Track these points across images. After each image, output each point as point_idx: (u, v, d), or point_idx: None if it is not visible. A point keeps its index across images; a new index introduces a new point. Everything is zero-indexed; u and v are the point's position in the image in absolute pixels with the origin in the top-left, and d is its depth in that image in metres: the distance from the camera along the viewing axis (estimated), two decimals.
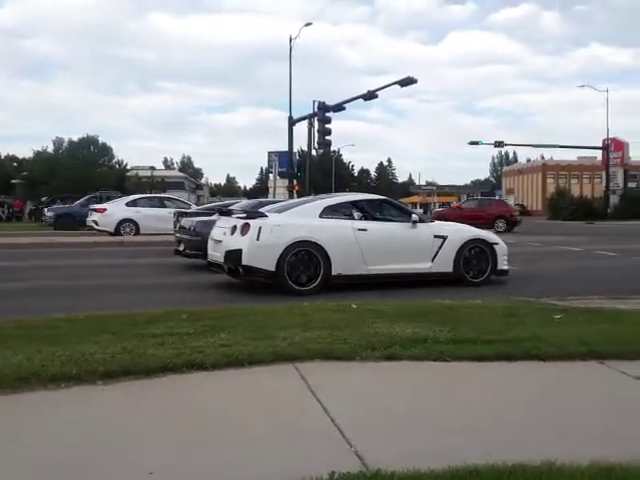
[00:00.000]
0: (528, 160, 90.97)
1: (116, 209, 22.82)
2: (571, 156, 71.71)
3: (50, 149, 61.29)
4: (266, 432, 3.38)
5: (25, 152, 74.07)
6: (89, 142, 60.74)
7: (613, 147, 53.46)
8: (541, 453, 2.86)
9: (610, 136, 52.76)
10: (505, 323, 5.94)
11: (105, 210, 23.00)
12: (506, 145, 56.30)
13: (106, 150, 61.60)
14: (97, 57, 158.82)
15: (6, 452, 3.13)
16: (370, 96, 29.11)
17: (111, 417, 3.67)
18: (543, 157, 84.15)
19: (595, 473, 2.67)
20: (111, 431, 3.43)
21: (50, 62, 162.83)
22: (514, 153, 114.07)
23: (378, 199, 11.41)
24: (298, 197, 24.21)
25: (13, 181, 58.06)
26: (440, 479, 2.62)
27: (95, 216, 23.22)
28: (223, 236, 9.63)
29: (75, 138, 61.11)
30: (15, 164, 64.50)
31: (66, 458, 3.04)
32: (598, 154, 59.10)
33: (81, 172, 52.39)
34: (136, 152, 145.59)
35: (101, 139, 61.84)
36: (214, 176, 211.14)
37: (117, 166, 61.14)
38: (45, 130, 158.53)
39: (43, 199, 47.26)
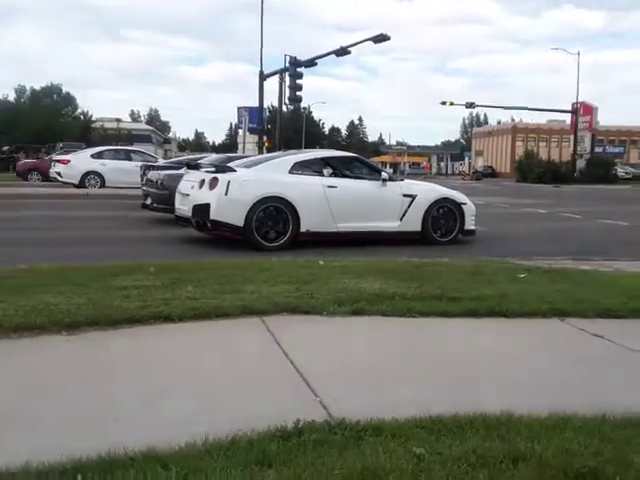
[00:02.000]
0: (498, 122, 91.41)
1: (80, 161, 22.30)
2: (541, 119, 72.44)
3: (11, 97, 59.43)
4: (231, 382, 3.40)
5: None
6: (52, 91, 59.05)
7: (582, 111, 53.86)
8: (501, 405, 2.93)
9: (580, 100, 53.15)
10: (471, 281, 6.03)
11: (69, 162, 22.48)
12: (477, 106, 56.40)
13: (70, 100, 60.05)
14: (62, 2, 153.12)
15: None
16: (342, 52, 28.73)
17: (75, 366, 3.65)
18: (513, 120, 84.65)
19: (553, 423, 2.75)
20: (75, 379, 3.41)
21: (13, 7, 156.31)
22: (485, 115, 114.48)
23: (349, 156, 11.35)
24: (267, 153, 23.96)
25: None
26: (404, 428, 2.67)
27: (59, 167, 22.70)
28: (191, 190, 9.51)
29: (38, 87, 59.32)
30: None
31: (28, 404, 3.02)
32: (567, 118, 59.54)
33: (44, 122, 51.06)
34: (101, 103, 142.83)
35: (65, 88, 60.22)
36: (182, 130, 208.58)
37: (81, 117, 59.70)
38: (6, 78, 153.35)
39: (4, 149, 46.04)
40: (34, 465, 2.33)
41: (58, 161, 23.33)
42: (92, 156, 22.51)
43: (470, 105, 53.87)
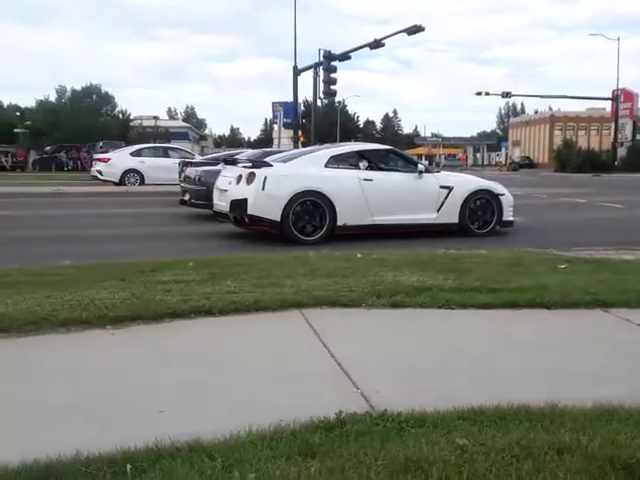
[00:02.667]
0: (536, 111, 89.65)
1: (121, 159, 22.73)
2: (579, 107, 70.79)
3: (53, 98, 60.76)
4: (273, 375, 3.43)
5: (28, 101, 73.38)
6: (92, 91, 60.16)
7: (623, 98, 52.61)
8: (545, 396, 2.90)
9: (620, 87, 51.89)
10: (510, 272, 5.96)
11: (109, 160, 22.91)
12: (513, 96, 55.60)
13: (109, 99, 61.11)
14: (95, 2, 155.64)
15: (19, 392, 3.20)
16: (377, 45, 28.53)
17: (121, 359, 3.73)
18: (551, 108, 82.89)
19: (598, 414, 2.72)
20: (121, 372, 3.49)
21: (49, 9, 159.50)
22: (522, 104, 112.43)
23: (384, 149, 11.30)
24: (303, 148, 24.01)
25: (16, 130, 57.70)
26: (446, 419, 2.67)
27: (99, 166, 23.17)
28: (228, 185, 9.60)
29: (78, 87, 60.48)
30: (18, 113, 63.98)
31: (78, 397, 3.11)
32: (607, 105, 58.24)
33: (84, 122, 52.08)
34: (139, 101, 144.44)
35: (103, 88, 61.28)
36: (218, 127, 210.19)
37: (120, 116, 60.67)
38: (46, 79, 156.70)
39: (47, 149, 47.14)
40: (84, 455, 2.40)
41: (99, 160, 23.80)
42: (131, 154, 22.91)
43: (506, 95, 53.07)
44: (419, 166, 10.28)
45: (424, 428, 2.61)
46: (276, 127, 38.27)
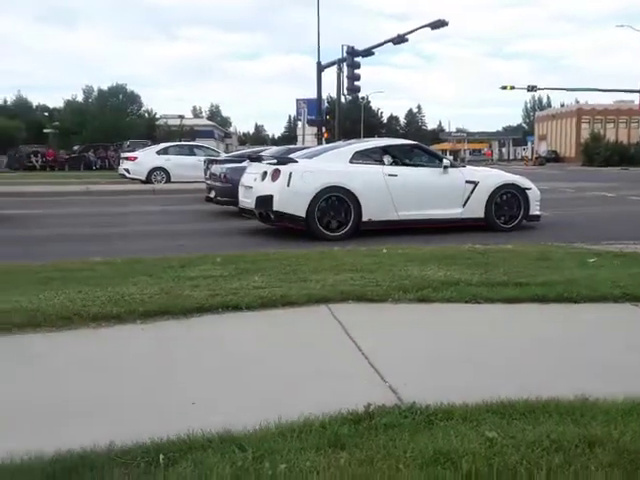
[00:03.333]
0: (562, 105, 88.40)
1: (147, 157, 22.99)
2: (607, 100, 69.62)
3: (80, 98, 61.51)
4: (301, 369, 3.46)
5: (56, 101, 74.47)
6: (118, 91, 60.79)
7: None
8: (575, 390, 2.88)
9: None
10: (537, 267, 5.91)
11: (136, 158, 23.19)
12: (539, 89, 54.64)
13: (135, 98, 61.70)
14: (121, 3, 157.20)
15: (51, 384, 3.27)
16: (400, 40, 28.33)
17: (152, 353, 3.79)
18: (578, 101, 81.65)
19: (630, 408, 2.69)
20: (153, 366, 3.55)
21: (75, 10, 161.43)
22: (547, 98, 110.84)
23: (409, 144, 11.28)
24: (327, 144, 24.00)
25: (45, 130, 58.65)
26: (474, 412, 2.67)
27: (127, 164, 23.46)
28: (254, 182, 9.66)
29: (104, 87, 61.16)
30: (46, 114, 64.98)
31: (111, 390, 3.17)
32: (636, 98, 57.11)
33: (111, 121, 52.73)
34: (164, 100, 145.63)
35: (129, 87, 61.90)
36: (242, 124, 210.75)
37: (146, 115, 61.24)
38: (74, 79, 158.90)
39: (76, 148, 47.83)
40: (118, 445, 2.45)
41: (126, 158, 24.11)
42: (158, 152, 23.16)
43: (532, 89, 52.27)
44: (444, 161, 10.23)
45: (453, 421, 2.61)
46: (300, 124, 38.39)
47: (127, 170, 23.17)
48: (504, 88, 51.20)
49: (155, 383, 3.28)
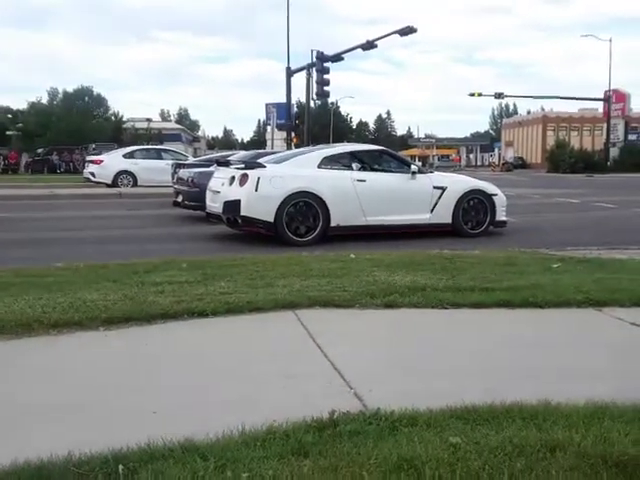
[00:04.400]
0: (528, 112, 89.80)
1: (113, 161, 22.67)
2: (572, 108, 70.88)
3: (45, 100, 60.43)
4: (266, 375, 3.42)
5: (19, 103, 73.10)
6: (84, 93, 59.85)
7: (615, 98, 52.84)
8: (538, 394, 2.91)
9: (612, 87, 52.12)
10: (503, 272, 5.97)
11: (102, 162, 22.85)
12: (506, 97, 55.68)
13: (101, 101, 60.82)
14: (90, 5, 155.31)
15: (10, 392, 3.18)
16: (369, 46, 28.53)
17: (114, 360, 3.71)
18: (543, 109, 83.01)
19: (592, 412, 2.72)
20: (114, 374, 3.48)
21: (43, 10, 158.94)
22: (514, 105, 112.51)
23: (377, 150, 11.32)
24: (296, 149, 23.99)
25: (8, 133, 57.47)
26: (439, 418, 2.67)
27: (92, 168, 23.09)
28: (221, 187, 9.59)
29: (70, 89, 60.19)
30: (10, 115, 63.65)
31: (71, 398, 3.09)
32: (599, 106, 58.42)
33: (77, 124, 51.93)
34: (132, 103, 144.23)
35: (96, 90, 60.98)
36: (211, 128, 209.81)
37: (113, 118, 60.46)
38: (39, 81, 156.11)
39: (39, 151, 46.97)
40: (77, 455, 2.39)
41: (91, 162, 23.74)
42: (124, 156, 22.85)
43: (499, 96, 53.20)
44: (412, 167, 10.30)
45: (417, 427, 2.61)
46: (269, 128, 38.25)
47: (92, 174, 22.80)
48: (472, 95, 52.00)
49: (116, 391, 3.21)
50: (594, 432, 2.52)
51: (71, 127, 51.07)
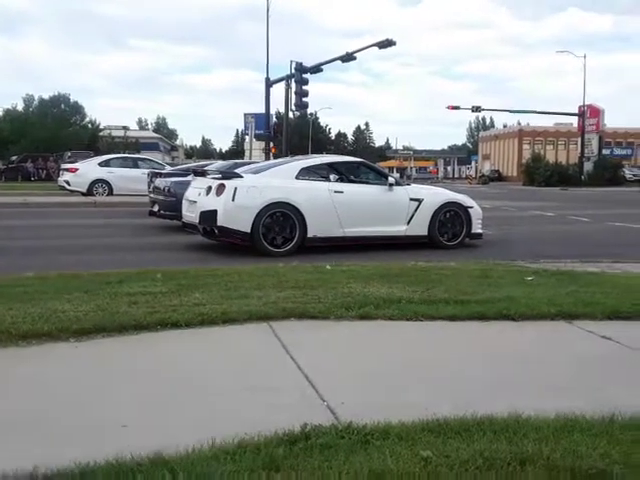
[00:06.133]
0: (505, 126, 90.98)
1: (88, 169, 22.46)
2: (548, 122, 71.92)
3: (20, 107, 59.79)
4: (238, 388, 3.39)
5: None
6: (60, 100, 59.36)
7: (589, 113, 53.76)
8: (509, 407, 2.92)
9: (586, 103, 53.03)
10: (478, 284, 6.01)
11: (77, 170, 22.62)
12: (483, 110, 56.43)
13: (78, 109, 60.33)
14: (67, 12, 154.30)
15: None
16: (348, 58, 28.75)
17: (84, 372, 3.66)
18: (520, 123, 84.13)
19: (561, 425, 2.74)
20: (84, 386, 3.42)
21: (19, 17, 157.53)
22: (491, 119, 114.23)
23: (355, 161, 11.39)
24: (274, 159, 23.96)
25: None
26: (410, 431, 2.67)
27: (67, 176, 22.85)
28: (198, 197, 9.54)
29: (46, 96, 59.62)
30: None
31: (38, 411, 3.03)
32: (574, 121, 59.37)
33: (52, 131, 51.41)
34: (109, 112, 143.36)
35: (73, 97, 60.53)
36: (189, 138, 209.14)
37: (89, 125, 59.96)
38: (14, 88, 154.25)
39: (13, 158, 46.36)
40: (42, 471, 2.34)
41: (66, 170, 23.49)
42: (100, 164, 22.65)
43: (476, 109, 53.84)
44: (389, 179, 10.35)
45: (389, 440, 2.60)
46: (248, 138, 38.25)
47: (67, 182, 22.55)
48: (451, 108, 52.52)
49: (85, 404, 3.16)
50: (563, 445, 2.53)
51: (46, 134, 50.55)
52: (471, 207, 10.48)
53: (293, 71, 29.18)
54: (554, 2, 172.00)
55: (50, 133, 50.94)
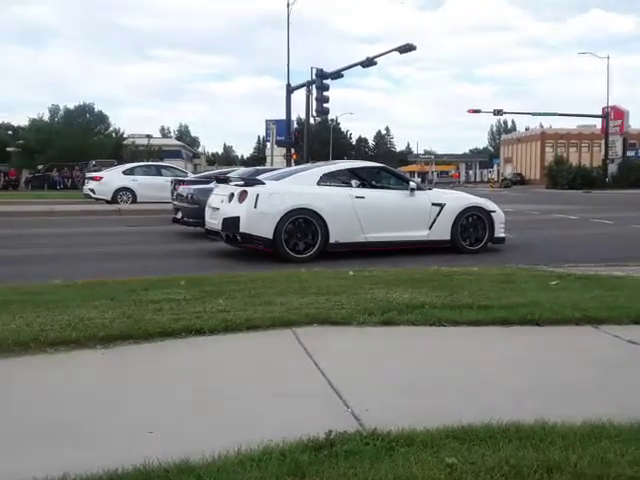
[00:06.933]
0: (527, 129, 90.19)
1: (113, 177, 22.75)
2: (570, 125, 71.28)
3: (46, 117, 60.70)
4: (263, 394, 3.41)
5: (20, 120, 73.37)
6: (85, 110, 60.19)
7: (613, 115, 53.14)
8: (535, 413, 2.90)
9: (610, 104, 52.42)
10: (501, 289, 5.97)
11: (102, 178, 22.92)
12: (505, 113, 56.02)
13: (102, 118, 61.12)
14: (93, 24, 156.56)
15: (5, 412, 3.17)
16: (369, 63, 28.77)
17: (111, 379, 3.70)
18: (542, 126, 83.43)
19: (588, 431, 2.71)
20: (111, 392, 3.47)
21: (45, 29, 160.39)
22: (513, 122, 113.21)
23: (376, 167, 11.37)
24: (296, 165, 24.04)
25: (9, 149, 57.67)
26: (435, 438, 2.66)
27: (92, 184, 23.16)
28: (221, 204, 9.62)
29: (71, 106, 60.49)
30: (10, 132, 63.94)
31: (67, 417, 3.08)
32: (598, 122, 58.78)
33: (77, 140, 52.14)
34: (133, 120, 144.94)
35: (97, 107, 61.33)
36: (211, 145, 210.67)
37: (113, 134, 60.69)
38: (41, 98, 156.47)
39: (40, 167, 47.12)
40: (72, 477, 2.37)
41: (91, 178, 23.82)
42: (124, 172, 22.92)
43: (498, 112, 53.50)
44: (411, 183, 10.33)
45: (414, 447, 2.59)
46: (269, 145, 38.42)
47: (92, 190, 22.86)
48: (471, 112, 52.27)
49: (112, 410, 3.20)
50: (591, 452, 2.50)
51: (71, 144, 51.27)
52: (494, 211, 10.42)
53: (314, 77, 29.28)
54: (574, 3, 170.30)
55: (75, 142, 51.66)
